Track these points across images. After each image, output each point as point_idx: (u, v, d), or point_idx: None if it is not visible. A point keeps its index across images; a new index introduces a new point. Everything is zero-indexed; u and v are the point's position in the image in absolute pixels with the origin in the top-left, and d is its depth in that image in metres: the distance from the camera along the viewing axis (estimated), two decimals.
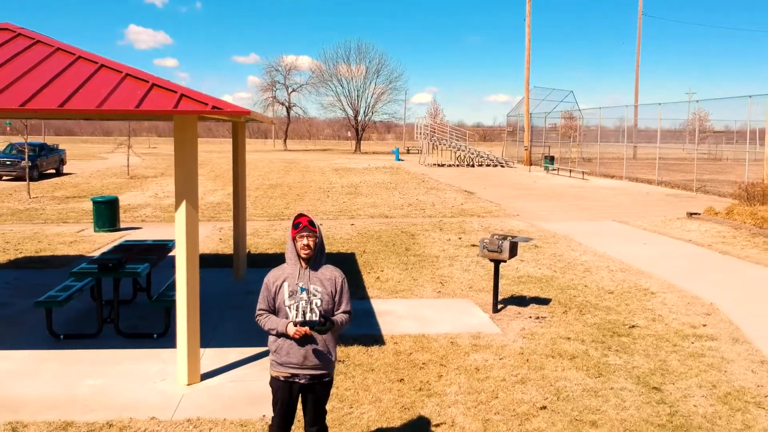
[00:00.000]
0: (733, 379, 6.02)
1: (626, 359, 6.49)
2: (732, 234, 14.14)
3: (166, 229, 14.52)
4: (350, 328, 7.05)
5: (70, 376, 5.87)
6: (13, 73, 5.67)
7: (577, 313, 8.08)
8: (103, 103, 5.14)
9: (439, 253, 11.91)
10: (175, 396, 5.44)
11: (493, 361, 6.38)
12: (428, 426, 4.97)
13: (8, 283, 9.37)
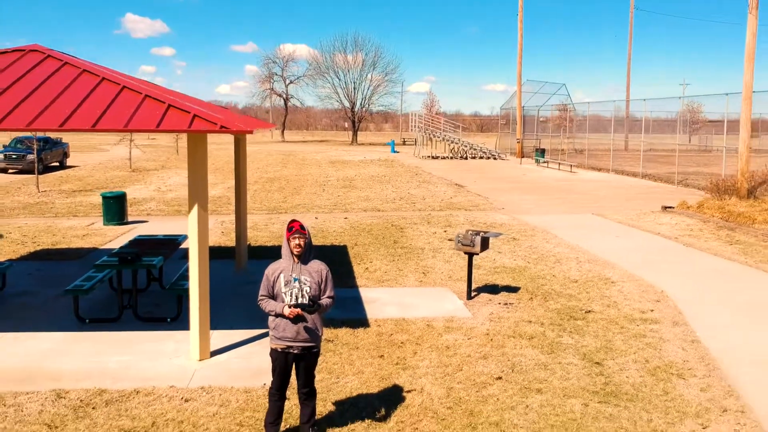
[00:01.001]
0: (664, 355, 7.04)
1: (577, 339, 7.52)
2: (699, 227, 15.16)
3: (171, 223, 15.50)
4: (339, 313, 8.08)
5: (98, 354, 6.87)
6: (48, 95, 6.62)
7: (541, 299, 9.10)
8: (128, 123, 6.11)
9: (424, 245, 12.92)
10: (189, 369, 6.45)
11: (461, 341, 7.40)
12: (401, 392, 5.99)
13: (31, 273, 10.36)
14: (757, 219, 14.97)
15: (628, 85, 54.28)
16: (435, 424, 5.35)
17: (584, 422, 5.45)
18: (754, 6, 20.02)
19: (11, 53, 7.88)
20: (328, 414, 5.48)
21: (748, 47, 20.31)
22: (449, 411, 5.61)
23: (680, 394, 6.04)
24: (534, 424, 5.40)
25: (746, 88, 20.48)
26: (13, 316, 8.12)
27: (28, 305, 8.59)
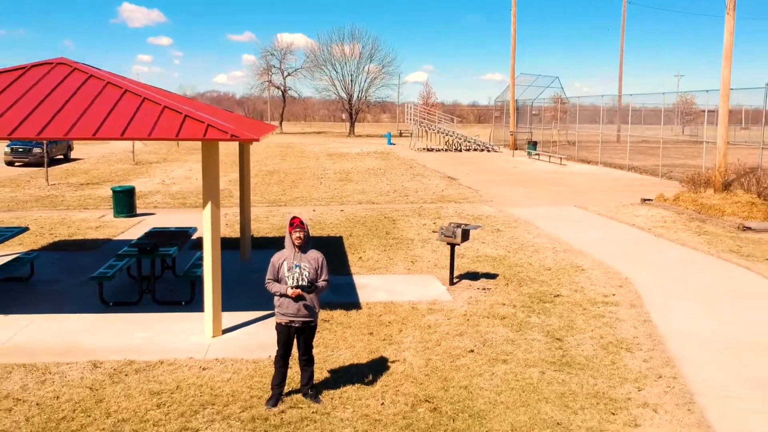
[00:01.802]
0: (617, 333, 8.07)
1: (543, 319, 8.54)
2: (673, 219, 16.20)
3: (177, 215, 16.49)
4: (334, 297, 9.09)
5: (124, 332, 7.88)
6: (79, 107, 7.59)
7: (516, 285, 10.12)
8: (151, 132, 7.09)
9: (414, 236, 13.93)
10: (204, 344, 7.46)
11: (442, 321, 8.42)
12: (386, 362, 7.01)
13: (53, 263, 11.35)
14: (726, 211, 15.99)
15: (620, 77, 55.18)
16: (414, 387, 6.38)
17: (539, 386, 6.47)
18: (732, 7, 20.95)
19: (41, 66, 8.83)
20: (324, 380, 6.50)
21: (726, 46, 21.25)
22: (426, 377, 6.64)
23: (625, 364, 7.07)
24: (497, 387, 6.43)
25: (724, 85, 21.44)
26: (45, 300, 9.13)
27: (56, 291, 9.59)
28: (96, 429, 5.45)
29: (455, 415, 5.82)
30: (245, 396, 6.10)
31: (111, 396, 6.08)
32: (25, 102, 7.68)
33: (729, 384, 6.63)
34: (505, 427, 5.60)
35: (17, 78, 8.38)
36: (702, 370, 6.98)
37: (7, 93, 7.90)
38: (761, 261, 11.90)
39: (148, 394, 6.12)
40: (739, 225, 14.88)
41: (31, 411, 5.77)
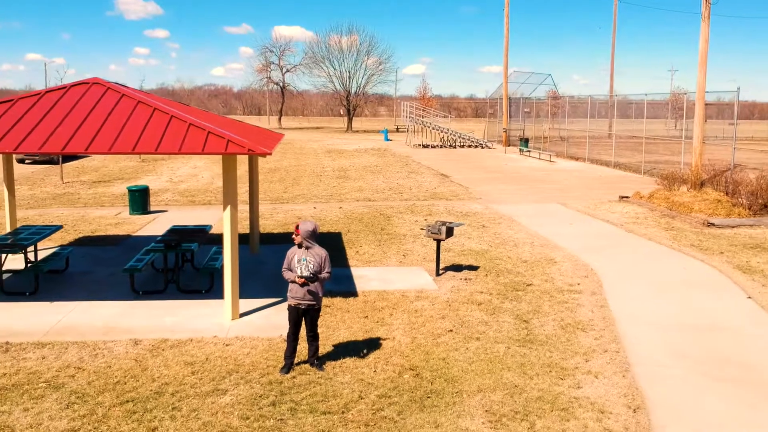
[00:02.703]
0: (577, 316, 9.45)
1: (515, 305, 9.92)
2: (645, 215, 17.58)
3: (189, 212, 17.83)
4: (335, 286, 10.45)
5: (155, 316, 9.24)
6: (117, 124, 8.92)
7: (494, 276, 11.50)
8: (180, 147, 8.43)
9: (406, 232, 15.29)
10: (225, 325, 8.83)
11: (427, 306, 9.79)
12: (379, 340, 8.38)
13: (83, 257, 12.69)
14: (695, 208, 17.37)
15: (611, 74, 56.50)
16: (401, 359, 7.75)
17: (504, 358, 7.85)
18: (707, 15, 22.28)
19: (79, 86, 10.17)
20: (326, 353, 7.87)
21: (701, 52, 22.59)
22: (412, 351, 8.01)
23: (578, 341, 8.46)
24: (469, 359, 7.81)
25: (699, 89, 22.80)
26: (82, 289, 10.48)
27: (90, 281, 10.95)
28: (145, 390, 6.82)
29: (433, 379, 7.20)
30: (263, 366, 7.47)
31: (153, 366, 7.45)
32: (71, 120, 9.02)
33: (661, 357, 8.01)
34: (473, 388, 6.98)
35: (60, 97, 9.72)
36: (642, 346, 8.37)
37: (54, 112, 9.24)
38: (716, 254, 13.28)
39: (183, 364, 7.50)
40: (704, 221, 16.27)
41: (90, 377, 7.14)
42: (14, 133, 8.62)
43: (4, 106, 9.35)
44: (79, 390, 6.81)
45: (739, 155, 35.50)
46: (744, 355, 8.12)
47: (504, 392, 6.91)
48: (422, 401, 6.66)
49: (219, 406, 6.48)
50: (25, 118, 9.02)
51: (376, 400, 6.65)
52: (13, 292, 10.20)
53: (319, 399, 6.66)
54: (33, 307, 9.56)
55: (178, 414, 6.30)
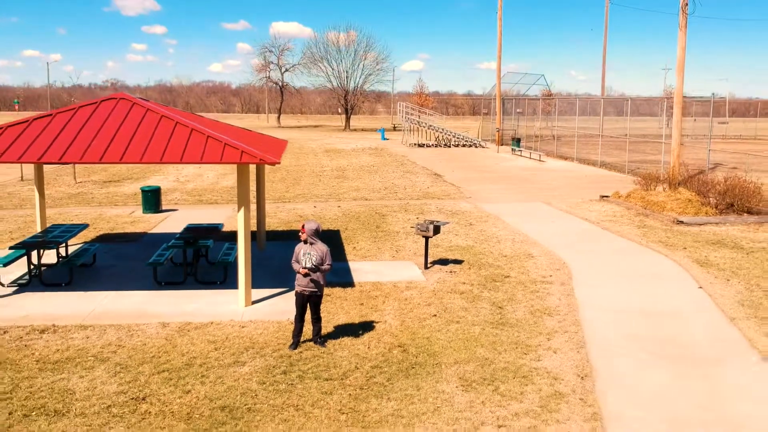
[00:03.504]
0: (545, 303, 10.83)
1: (492, 294, 11.30)
2: (621, 214, 18.97)
3: (198, 211, 19.17)
4: (334, 278, 11.80)
5: (178, 303, 10.60)
6: (145, 136, 10.25)
7: (477, 269, 12.88)
8: (201, 157, 9.77)
9: (399, 229, 16.66)
10: (239, 311, 10.19)
11: (415, 295, 11.17)
12: (373, 323, 9.74)
13: (106, 252, 14.04)
14: (667, 207, 18.76)
15: (603, 75, 57.81)
16: (391, 338, 9.12)
17: (479, 338, 9.23)
18: (684, 24, 23.64)
19: (108, 101, 11.50)
20: (328, 333, 9.23)
21: (679, 59, 23.96)
22: (400, 332, 9.39)
23: (544, 324, 9.84)
24: (449, 338, 9.18)
25: (678, 95, 24.20)
26: (110, 281, 11.84)
27: (116, 274, 12.31)
28: (177, 362, 8.19)
29: (418, 354, 8.58)
30: (274, 343, 8.84)
31: (181, 344, 8.82)
32: (105, 133, 10.35)
33: (614, 337, 9.40)
34: (450, 361, 8.36)
35: (93, 112, 11.04)
36: (599, 328, 9.75)
37: (89, 125, 10.57)
38: (679, 249, 14.67)
39: (206, 342, 8.87)
40: (674, 219, 17.66)
41: (129, 352, 8.51)
42: (57, 145, 9.96)
43: (45, 120, 10.68)
44: (122, 362, 8.18)
45: (723, 155, 36.93)
46: (684, 336, 9.50)
47: (476, 364, 8.29)
48: (407, 371, 8.04)
49: (240, 374, 7.86)
50: (65, 131, 10.36)
51: (369, 370, 8.03)
52: (50, 283, 11.55)
53: (322, 369, 8.03)
54: (70, 296, 10.92)
55: (206, 380, 7.68)
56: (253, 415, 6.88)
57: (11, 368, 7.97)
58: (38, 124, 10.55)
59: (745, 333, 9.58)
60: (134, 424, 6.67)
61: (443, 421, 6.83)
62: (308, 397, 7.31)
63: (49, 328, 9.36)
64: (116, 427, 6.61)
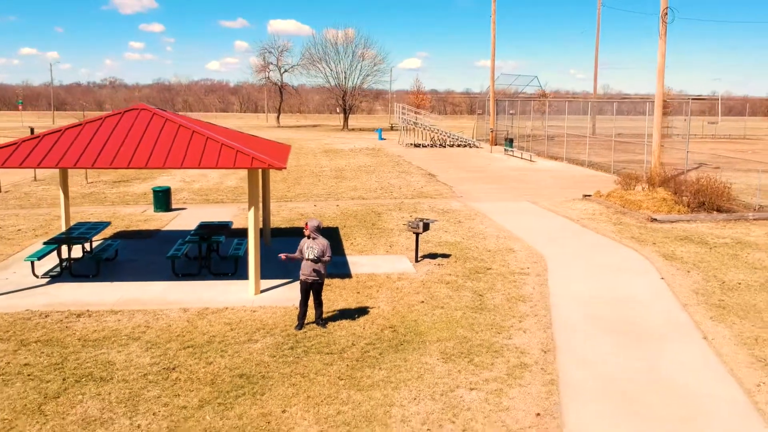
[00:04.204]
0: (521, 292, 12.20)
1: (475, 284, 12.66)
2: (600, 212, 20.35)
3: (206, 210, 20.51)
4: (334, 270, 13.16)
5: (194, 292, 11.95)
6: (166, 144, 11.59)
7: (462, 262, 14.24)
8: (217, 163, 11.12)
9: (394, 227, 18.02)
10: (250, 299, 11.54)
11: (406, 285, 12.53)
12: (367, 308, 11.10)
13: (125, 248, 15.38)
14: (643, 206, 20.13)
15: (595, 76, 59.38)
16: (383, 321, 10.48)
17: (460, 320, 10.59)
18: (663, 33, 25.00)
19: (130, 112, 12.83)
20: (328, 317, 10.59)
21: (659, 66, 25.33)
22: (392, 316, 10.75)
23: (517, 309, 11.21)
24: (434, 321, 10.54)
25: (658, 98, 25.57)
26: (132, 273, 13.19)
27: (137, 266, 13.66)
28: (199, 340, 9.54)
29: (406, 333, 9.94)
30: (282, 325, 10.20)
31: (201, 325, 10.18)
32: (130, 140, 11.70)
33: (577, 319, 10.77)
34: (433, 339, 9.72)
35: (118, 122, 12.38)
36: (565, 312, 11.11)
37: (115, 133, 11.91)
38: (649, 244, 16.05)
39: (223, 324, 10.23)
40: (648, 217, 19.04)
41: (157, 332, 9.86)
42: (89, 152, 11.30)
43: (76, 129, 12.02)
44: (152, 340, 9.54)
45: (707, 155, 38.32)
46: (639, 318, 10.88)
47: (455, 341, 9.66)
48: (397, 347, 9.41)
49: (253, 349, 9.22)
50: (95, 139, 11.70)
51: (364, 346, 9.39)
52: (79, 274, 12.91)
53: (323, 345, 9.40)
54: (98, 286, 12.28)
55: (225, 354, 9.04)
56: (266, 381, 8.25)
57: (58, 345, 9.33)
58: (71, 133, 11.90)
59: (693, 317, 10.97)
60: (168, 387, 8.04)
61: (425, 385, 8.20)
62: (312, 367, 8.67)
63: (84, 313, 10.71)
64: (153, 390, 7.98)
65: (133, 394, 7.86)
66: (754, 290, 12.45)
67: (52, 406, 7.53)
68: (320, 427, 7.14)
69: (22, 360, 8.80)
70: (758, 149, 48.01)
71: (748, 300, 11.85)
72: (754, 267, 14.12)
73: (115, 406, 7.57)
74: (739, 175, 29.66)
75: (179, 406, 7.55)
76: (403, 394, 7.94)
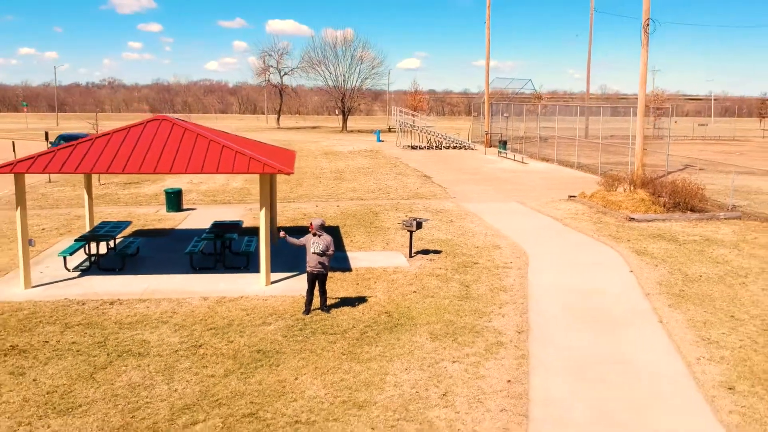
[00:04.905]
0: (503, 283, 13.66)
1: (462, 276, 14.12)
2: (583, 212, 21.82)
3: (215, 210, 21.96)
4: (336, 264, 14.61)
5: (212, 283, 13.39)
6: (186, 152, 13.03)
7: (452, 257, 15.70)
8: (232, 168, 12.56)
9: (390, 225, 19.47)
10: (262, 289, 12.99)
11: (400, 277, 13.98)
12: (366, 297, 12.56)
13: (145, 245, 16.81)
14: (623, 206, 21.60)
15: (588, 80, 60.58)
16: (379, 307, 11.94)
17: (448, 307, 12.04)
18: (645, 42, 26.48)
19: (152, 122, 14.27)
20: (331, 304, 12.03)
21: (641, 74, 26.82)
22: (387, 303, 12.20)
23: (498, 298, 12.67)
24: (425, 307, 11.99)
25: (640, 104, 27.07)
26: (154, 267, 14.64)
27: (158, 261, 15.10)
28: (220, 323, 10.99)
29: (400, 317, 11.40)
30: (291, 311, 11.66)
31: (221, 311, 11.63)
32: (154, 148, 13.13)
33: (551, 306, 12.22)
34: (423, 322, 11.18)
35: (142, 131, 13.82)
36: (541, 301, 12.57)
37: (141, 142, 13.35)
38: (624, 241, 17.52)
39: (239, 310, 11.68)
40: (627, 216, 20.51)
41: (182, 317, 11.31)
42: (119, 159, 12.74)
43: (105, 139, 13.44)
44: (179, 323, 11.00)
45: (694, 158, 39.81)
46: (605, 306, 12.34)
47: (442, 324, 11.12)
48: (391, 329, 10.86)
49: (267, 330, 10.68)
50: (123, 147, 13.14)
51: (363, 328, 10.85)
52: (106, 268, 14.35)
53: (328, 327, 10.86)
54: (125, 278, 13.72)
55: (243, 334, 10.50)
56: (280, 355, 9.70)
57: (98, 327, 10.79)
58: (100, 142, 13.33)
59: (654, 304, 12.44)
60: (196, 361, 9.49)
61: (415, 359, 9.66)
62: (318, 344, 10.13)
63: (116, 301, 12.16)
64: (184, 362, 9.43)
65: (167, 366, 9.31)
66: (712, 282, 13.92)
67: (102, 375, 8.99)
68: (327, 390, 8.60)
69: (70, 339, 10.25)
70: (745, 151, 49.55)
71: (705, 290, 13.32)
72: (717, 261, 15.59)
73: (154, 375, 9.03)
74: (721, 176, 31.13)
75: (208, 375, 9.01)
76: (396, 365, 9.40)
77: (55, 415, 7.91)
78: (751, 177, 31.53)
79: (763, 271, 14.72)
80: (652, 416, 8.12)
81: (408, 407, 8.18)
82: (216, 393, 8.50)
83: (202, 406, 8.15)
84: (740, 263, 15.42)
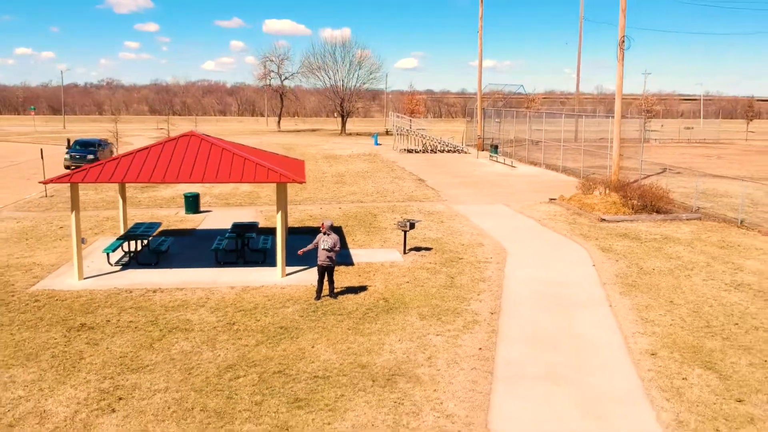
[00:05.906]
0: (483, 275, 16.07)
1: (449, 269, 16.53)
2: (560, 213, 24.24)
3: (230, 212, 24.34)
4: (339, 260, 17.00)
5: (236, 275, 15.77)
6: (214, 164, 15.40)
7: (441, 254, 18.11)
8: (254, 178, 14.94)
9: (387, 226, 21.88)
10: (278, 280, 15.37)
11: (395, 270, 16.38)
12: (366, 286, 14.95)
13: (172, 243, 19.17)
14: (596, 208, 24.02)
15: (577, 84, 63.05)
16: (377, 294, 14.34)
17: (435, 294, 14.45)
18: (621, 57, 28.90)
19: (183, 137, 16.64)
20: (338, 291, 14.42)
21: (618, 86, 29.24)
22: (384, 291, 14.60)
23: (478, 287, 15.08)
24: (416, 294, 14.39)
25: (617, 115, 29.50)
26: (184, 262, 17.02)
27: (186, 257, 17.48)
28: (248, 306, 13.39)
29: (395, 302, 13.81)
30: (305, 297, 14.06)
31: (246, 298, 14.02)
32: (187, 160, 15.51)
33: (520, 294, 14.63)
34: (414, 306, 13.59)
35: (175, 146, 16.19)
36: (514, 290, 14.98)
37: (175, 154, 15.72)
38: (592, 240, 19.95)
39: (262, 296, 14.08)
40: (599, 218, 22.93)
41: (216, 302, 13.70)
42: (158, 169, 15.12)
43: (144, 152, 15.80)
44: (213, 306, 13.39)
45: (676, 160, 42.24)
46: (567, 293, 14.76)
47: (430, 308, 13.53)
48: (387, 311, 13.27)
49: (286, 312, 13.08)
50: (161, 159, 15.51)
51: (365, 311, 13.26)
52: (143, 263, 16.73)
53: (336, 309, 13.26)
54: (161, 271, 16.11)
55: (267, 314, 12.90)
56: (298, 330, 12.11)
57: (148, 310, 13.18)
58: (141, 155, 15.71)
59: (607, 292, 14.86)
60: (232, 334, 11.89)
61: (406, 333, 12.08)
62: (329, 322, 12.54)
63: (157, 290, 14.55)
64: (222, 336, 11.83)
65: (209, 338, 11.72)
66: (662, 274, 16.35)
67: (158, 345, 11.39)
68: (337, 355, 11.01)
69: (127, 318, 12.65)
70: (724, 155, 52.03)
71: (654, 281, 15.75)
72: (670, 257, 18.03)
73: (200, 345, 11.43)
74: (695, 180, 33.54)
75: (243, 345, 11.41)
76: (392, 338, 11.81)
77: (129, 372, 10.31)
78: (722, 180, 33.99)
79: (707, 265, 17.16)
80: (589, 373, 10.54)
81: (400, 367, 10.60)
82: (251, 357, 10.90)
83: (241, 366, 10.56)
84: (690, 258, 17.86)
